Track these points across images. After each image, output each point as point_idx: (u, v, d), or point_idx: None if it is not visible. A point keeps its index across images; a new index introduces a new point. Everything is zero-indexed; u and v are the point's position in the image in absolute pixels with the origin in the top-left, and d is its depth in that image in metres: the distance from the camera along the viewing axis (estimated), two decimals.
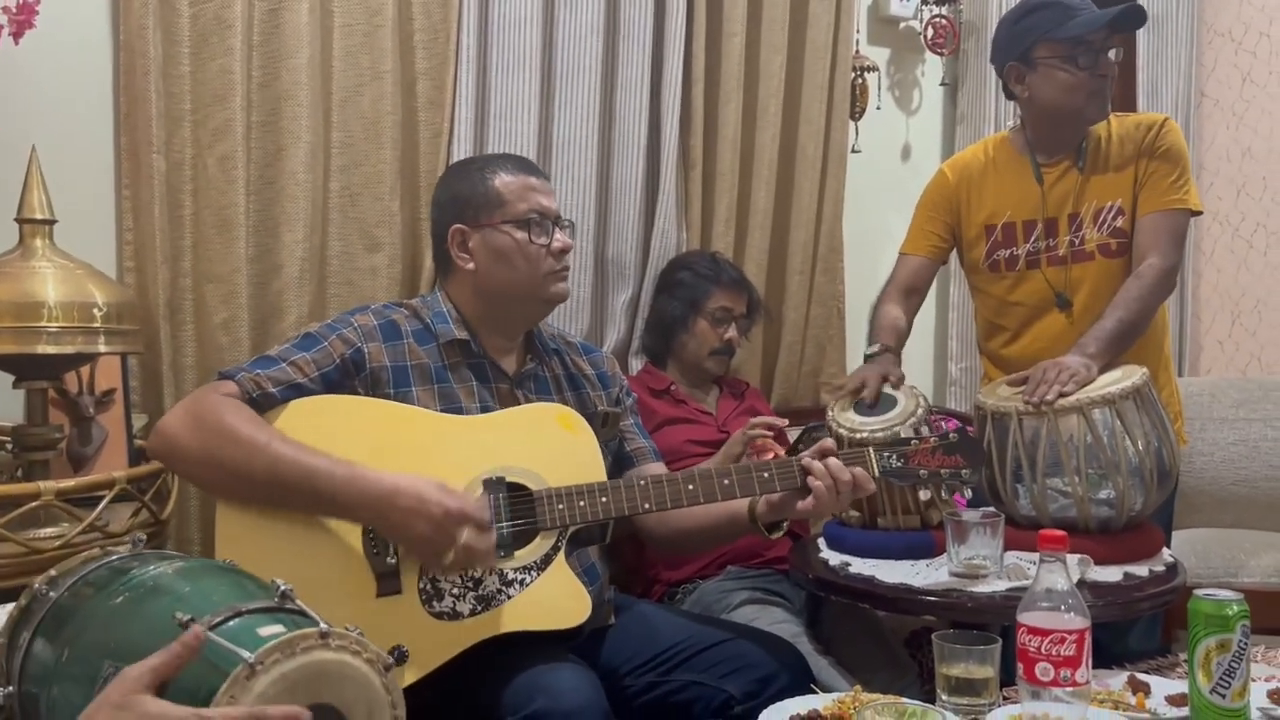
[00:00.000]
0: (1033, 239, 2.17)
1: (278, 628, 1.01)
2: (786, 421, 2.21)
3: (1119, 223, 2.12)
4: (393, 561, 1.51)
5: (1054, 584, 1.30)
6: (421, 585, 1.52)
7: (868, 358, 2.15)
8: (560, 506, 1.58)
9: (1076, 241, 2.15)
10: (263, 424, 1.51)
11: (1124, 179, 2.13)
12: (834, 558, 1.90)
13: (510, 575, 1.55)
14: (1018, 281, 2.21)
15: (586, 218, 2.55)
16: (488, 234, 1.72)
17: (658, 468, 1.87)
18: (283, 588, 1.08)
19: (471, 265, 1.73)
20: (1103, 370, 1.93)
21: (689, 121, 2.68)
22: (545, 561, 1.57)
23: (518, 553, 1.56)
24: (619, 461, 1.86)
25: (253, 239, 2.15)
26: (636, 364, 2.65)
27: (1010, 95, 2.21)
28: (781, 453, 2.05)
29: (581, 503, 1.58)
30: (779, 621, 2.00)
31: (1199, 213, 2.15)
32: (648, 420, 2.32)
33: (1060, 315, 2.16)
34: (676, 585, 2.23)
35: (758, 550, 2.23)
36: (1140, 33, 3.51)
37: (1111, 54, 2.09)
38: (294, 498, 1.47)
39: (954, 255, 2.36)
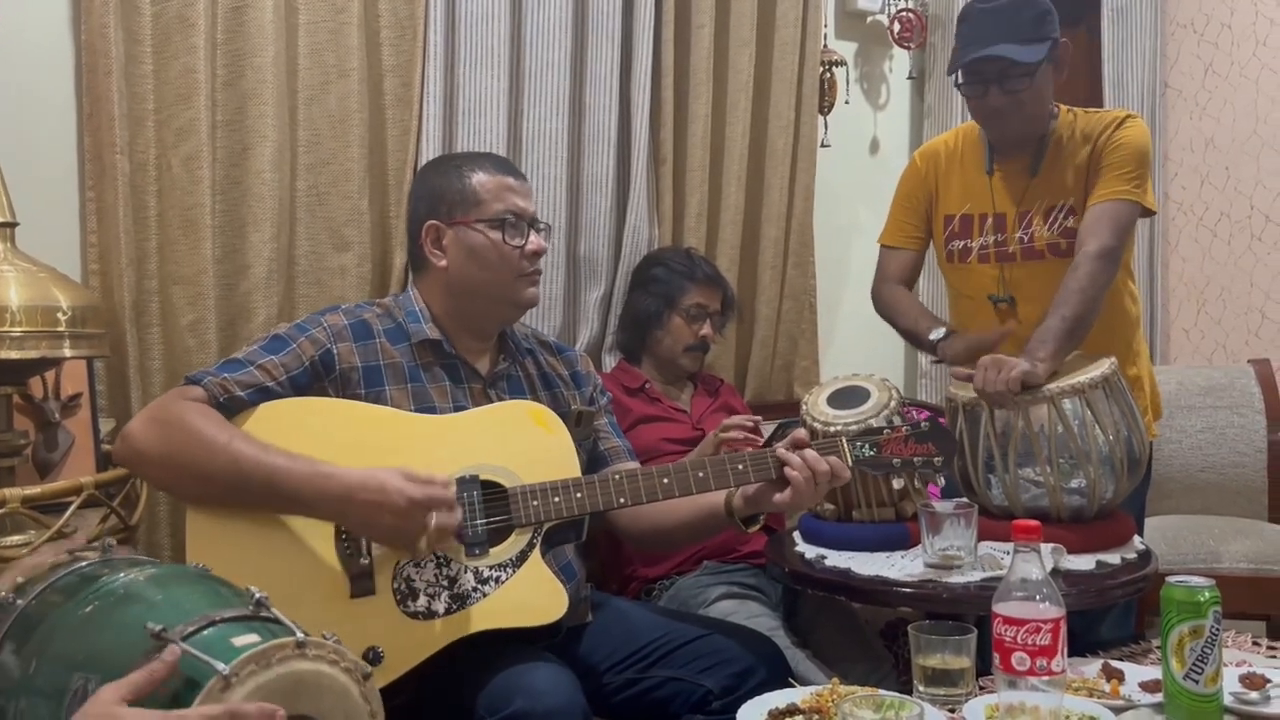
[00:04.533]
0: (984, 233, 2.17)
1: (253, 637, 1.00)
2: (760, 418, 2.21)
3: (1069, 222, 2.09)
4: (365, 562, 1.49)
5: (1028, 573, 1.31)
6: (396, 585, 1.50)
7: (937, 343, 2.10)
8: (535, 503, 1.57)
9: (1026, 238, 2.12)
10: (225, 424, 1.50)
11: (1079, 177, 2.10)
12: (809, 551, 1.90)
13: (485, 573, 1.54)
14: (968, 274, 2.20)
15: (558, 215, 2.53)
16: (461, 231, 1.71)
17: (633, 466, 1.86)
18: (257, 595, 1.06)
19: (444, 262, 1.72)
20: (1069, 362, 1.93)
21: (659, 116, 2.67)
22: (520, 559, 1.56)
23: (492, 550, 1.55)
24: (594, 461, 1.85)
25: (219, 240, 2.12)
26: (610, 361, 2.64)
27: None
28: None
29: (556, 499, 1.57)
30: (756, 615, 2.00)
31: (1152, 212, 2.09)
32: (622, 418, 2.31)
33: (1005, 311, 2.13)
34: (653, 582, 2.22)
35: (733, 545, 2.23)
36: (1104, 25, 3.55)
37: (1019, 82, 2.00)
38: (258, 498, 1.46)
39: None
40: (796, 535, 2.00)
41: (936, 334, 2.12)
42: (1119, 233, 2.02)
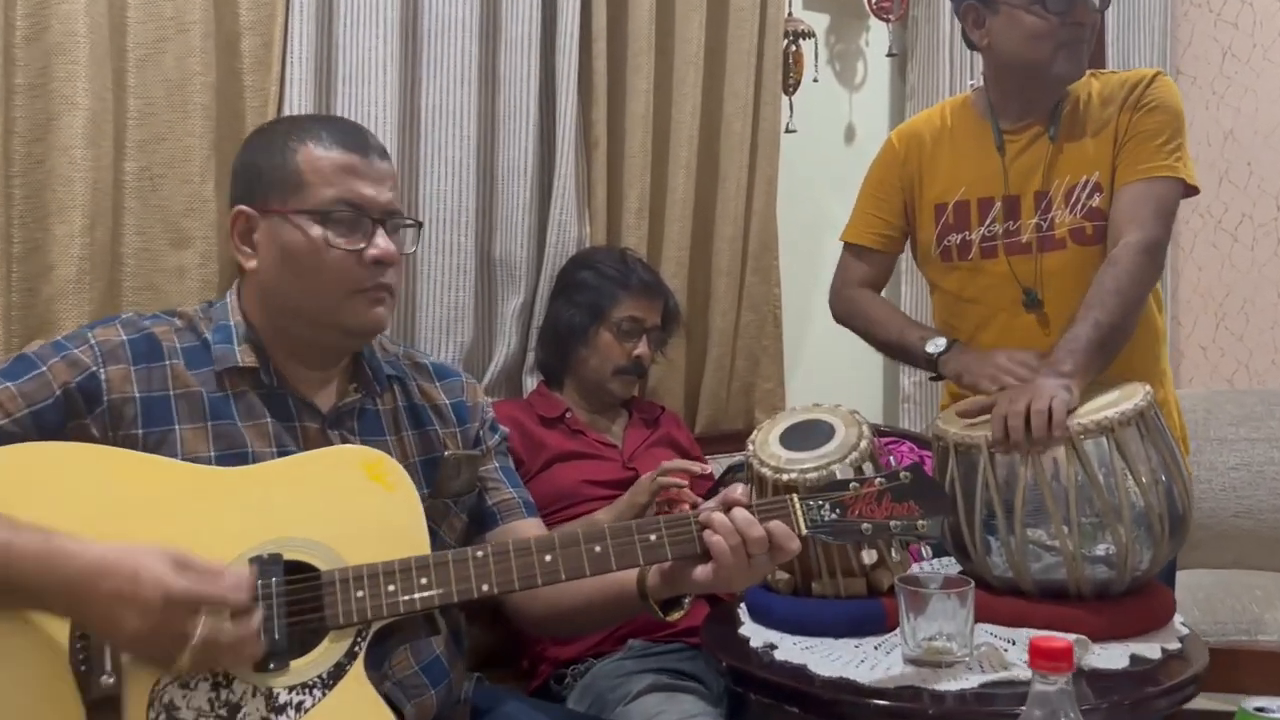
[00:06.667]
0: (988, 221, 1.78)
1: None
2: (708, 467, 1.80)
3: (1095, 202, 1.73)
4: (109, 681, 1.05)
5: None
6: (152, 716, 1.06)
7: (936, 358, 1.74)
8: (359, 594, 1.13)
9: (1044, 225, 1.75)
10: None
11: (1102, 147, 1.74)
12: (757, 636, 1.47)
13: (280, 697, 1.09)
14: (972, 273, 1.81)
15: (465, 209, 2.13)
16: (276, 224, 1.27)
17: (530, 528, 1.43)
18: None
19: (254, 263, 1.29)
20: (1089, 389, 1.54)
21: (589, 91, 2.27)
22: (335, 674, 1.11)
23: (295, 663, 1.10)
24: (478, 521, 1.44)
25: (17, 233, 1.70)
26: (532, 383, 2.22)
27: (971, 45, 1.82)
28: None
29: (390, 587, 1.14)
30: (690, 715, 1.57)
31: (1194, 189, 1.75)
32: (535, 455, 1.92)
33: (1028, 316, 1.76)
34: (565, 665, 1.79)
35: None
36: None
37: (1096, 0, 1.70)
38: None
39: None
40: (743, 611, 1.57)
41: (935, 346, 1.75)
42: (1165, 219, 1.70)
